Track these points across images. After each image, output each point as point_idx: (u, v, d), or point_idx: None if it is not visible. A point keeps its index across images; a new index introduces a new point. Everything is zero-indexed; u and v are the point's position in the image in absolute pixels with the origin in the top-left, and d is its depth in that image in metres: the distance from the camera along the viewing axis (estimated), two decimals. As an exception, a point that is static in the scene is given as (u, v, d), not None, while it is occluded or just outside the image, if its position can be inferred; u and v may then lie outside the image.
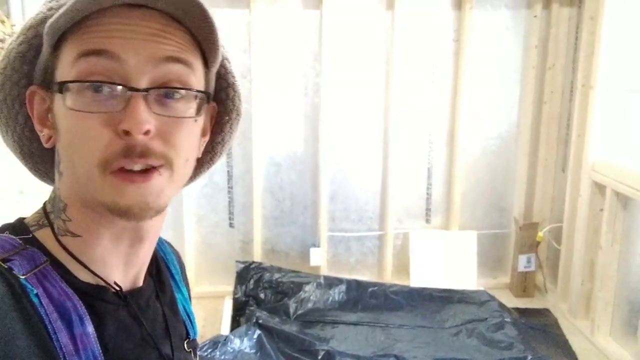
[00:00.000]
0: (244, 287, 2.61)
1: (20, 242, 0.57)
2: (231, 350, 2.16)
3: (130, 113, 0.53)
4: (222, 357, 2.11)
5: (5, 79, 0.60)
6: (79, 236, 0.59)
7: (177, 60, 0.56)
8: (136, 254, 0.64)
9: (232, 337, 2.22)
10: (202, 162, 0.69)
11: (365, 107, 2.85)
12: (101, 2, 0.53)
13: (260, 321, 2.36)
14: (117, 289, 0.62)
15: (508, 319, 2.49)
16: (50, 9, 0.58)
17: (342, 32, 2.75)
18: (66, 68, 0.55)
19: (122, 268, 0.63)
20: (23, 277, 0.54)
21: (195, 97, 0.59)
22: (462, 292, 2.71)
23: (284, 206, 2.91)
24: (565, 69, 2.86)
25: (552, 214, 2.98)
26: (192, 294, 2.71)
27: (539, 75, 2.88)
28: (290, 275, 2.69)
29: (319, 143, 2.82)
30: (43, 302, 0.54)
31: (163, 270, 0.73)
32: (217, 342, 2.16)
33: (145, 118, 0.53)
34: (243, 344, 2.22)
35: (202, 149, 0.66)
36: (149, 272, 0.69)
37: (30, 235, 0.59)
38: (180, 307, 0.74)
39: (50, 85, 0.58)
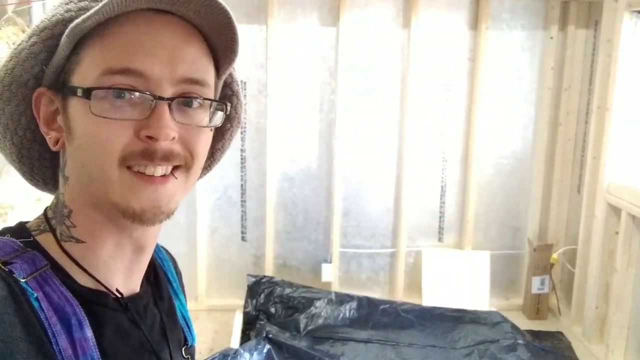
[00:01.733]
0: (254, 301, 2.61)
1: (21, 245, 0.57)
2: (241, 364, 2.16)
3: (157, 121, 0.55)
4: (232, 371, 2.10)
5: (13, 80, 0.58)
6: (83, 242, 0.60)
7: (195, 81, 0.58)
8: (138, 260, 0.65)
9: (242, 350, 2.21)
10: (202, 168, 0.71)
11: (379, 124, 2.86)
12: (129, 6, 0.53)
13: (270, 336, 2.36)
14: (118, 295, 0.62)
15: (521, 341, 2.46)
16: (68, 10, 0.57)
17: (358, 50, 2.78)
18: (88, 76, 0.56)
19: (123, 274, 0.63)
20: (23, 280, 0.54)
21: (210, 106, 0.61)
22: (474, 313, 2.69)
23: (297, 221, 2.92)
24: (581, 91, 2.85)
25: (567, 236, 2.96)
26: (203, 306, 2.70)
27: (555, 96, 2.88)
28: (302, 290, 2.68)
29: (333, 159, 2.83)
30: (43, 306, 0.54)
31: (161, 276, 0.73)
32: (226, 356, 2.15)
33: (171, 125, 0.55)
34: (253, 358, 2.21)
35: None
36: (147, 278, 0.69)
37: (31, 239, 0.59)
38: (178, 313, 0.74)
39: (64, 88, 0.58)
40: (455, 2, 2.79)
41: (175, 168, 0.58)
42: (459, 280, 2.89)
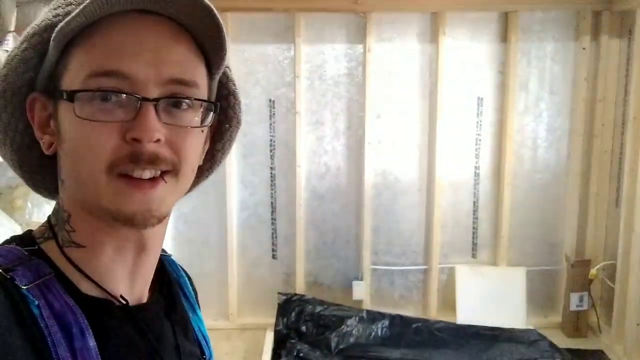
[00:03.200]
0: (285, 320, 2.60)
1: (26, 253, 0.57)
2: (271, 384, 2.15)
3: (142, 122, 0.54)
4: (262, 391, 2.09)
5: (7, 86, 0.59)
6: (83, 247, 0.59)
7: (183, 82, 0.57)
8: (141, 265, 0.63)
9: (273, 370, 2.21)
10: (202, 171, 0.69)
11: (409, 139, 2.84)
12: (112, 7, 0.53)
13: (301, 355, 2.34)
14: (123, 302, 0.60)
15: (560, 360, 2.38)
16: (56, 15, 0.57)
17: (386, 65, 2.77)
18: (75, 79, 0.55)
19: (127, 280, 0.62)
20: (25, 287, 0.53)
21: (201, 106, 0.60)
22: (510, 331, 2.62)
23: (327, 239, 2.90)
24: (617, 101, 2.78)
25: (606, 251, 2.86)
26: (235, 325, 2.70)
27: (589, 107, 2.81)
28: (333, 308, 2.66)
29: (362, 175, 2.81)
30: (44, 314, 0.53)
31: (175, 290, 0.72)
32: (257, 375, 2.15)
33: (156, 126, 0.54)
34: (283, 377, 2.20)
35: (203, 157, 0.66)
36: (159, 290, 0.68)
37: (36, 247, 0.58)
38: (195, 327, 0.73)
39: (54, 92, 0.58)
40: (483, 15, 2.77)
41: (164, 172, 0.57)
42: (494, 298, 2.82)
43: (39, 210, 1.30)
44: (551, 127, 2.86)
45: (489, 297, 2.82)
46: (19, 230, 1.20)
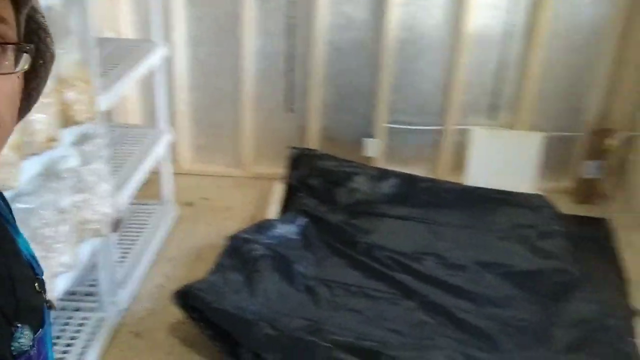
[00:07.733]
0: (295, 174, 2.65)
1: None
2: (276, 235, 2.25)
3: None
4: (267, 241, 2.20)
5: None
6: None
7: None
8: None
9: (278, 223, 2.30)
10: (19, 112, 0.60)
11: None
12: None
13: (306, 209, 2.42)
14: None
15: (560, 228, 2.41)
16: None
17: None
18: None
19: None
20: None
21: (17, 49, 0.53)
22: (517, 195, 2.61)
23: (344, 93, 2.86)
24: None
25: (634, 122, 2.76)
26: (248, 174, 2.76)
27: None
28: (344, 164, 2.69)
29: (383, 29, 2.67)
30: None
31: None
32: (261, 227, 2.25)
33: None
34: (288, 230, 2.30)
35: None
36: None
37: None
38: (23, 250, 0.69)
39: None
40: None
41: None
42: (507, 162, 2.79)
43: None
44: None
45: (502, 160, 2.80)
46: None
